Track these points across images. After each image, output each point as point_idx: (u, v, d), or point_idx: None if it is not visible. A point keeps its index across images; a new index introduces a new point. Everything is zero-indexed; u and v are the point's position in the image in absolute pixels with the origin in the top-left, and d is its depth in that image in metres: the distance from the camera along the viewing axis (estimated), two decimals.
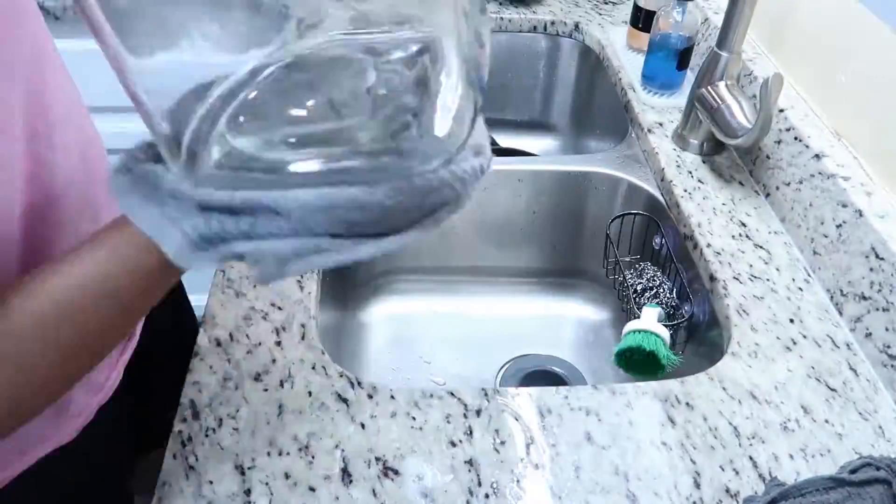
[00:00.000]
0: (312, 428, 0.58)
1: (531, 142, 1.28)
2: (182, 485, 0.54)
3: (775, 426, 0.60)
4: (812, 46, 0.84)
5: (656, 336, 0.72)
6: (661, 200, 0.87)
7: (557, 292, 1.01)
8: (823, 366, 0.65)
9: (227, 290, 0.69)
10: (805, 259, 0.76)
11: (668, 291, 0.83)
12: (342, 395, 0.61)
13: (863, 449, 0.58)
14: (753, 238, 0.78)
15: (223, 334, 0.65)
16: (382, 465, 0.56)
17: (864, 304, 0.67)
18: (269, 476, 0.55)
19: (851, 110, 0.77)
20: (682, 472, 0.56)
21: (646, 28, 1.05)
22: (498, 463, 0.56)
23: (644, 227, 0.89)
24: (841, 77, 0.78)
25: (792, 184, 0.79)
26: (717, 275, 0.73)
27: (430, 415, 0.59)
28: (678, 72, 0.97)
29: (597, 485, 0.55)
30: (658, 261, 0.87)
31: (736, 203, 0.83)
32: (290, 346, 0.64)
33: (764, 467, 0.57)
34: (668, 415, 0.60)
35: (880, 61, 0.72)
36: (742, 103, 0.82)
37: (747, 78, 0.90)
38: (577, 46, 1.20)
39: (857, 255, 0.68)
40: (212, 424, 0.58)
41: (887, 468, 0.50)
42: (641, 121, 0.95)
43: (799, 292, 0.72)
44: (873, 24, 0.72)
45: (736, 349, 0.66)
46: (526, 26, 1.19)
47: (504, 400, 0.61)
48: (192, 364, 0.62)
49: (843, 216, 0.70)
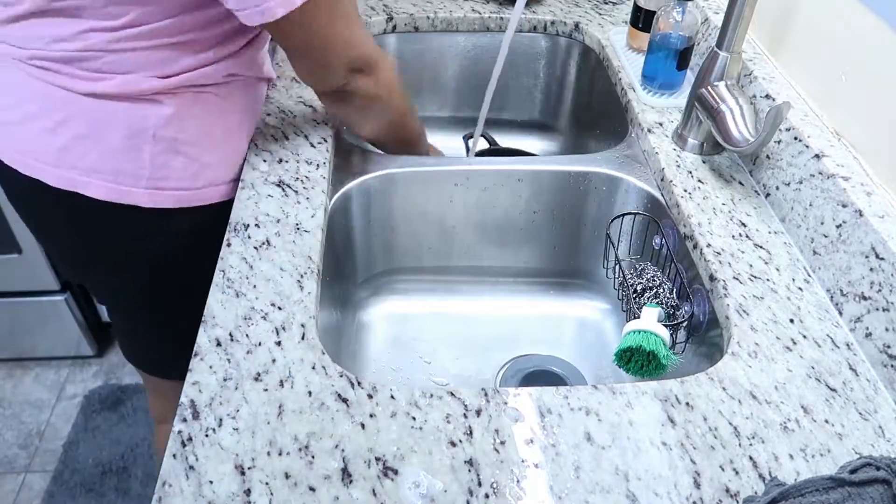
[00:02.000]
0: (312, 428, 0.58)
1: (531, 142, 1.28)
2: (182, 485, 0.54)
3: (775, 426, 0.60)
4: (812, 46, 0.84)
5: (656, 336, 0.72)
6: (661, 200, 0.87)
7: (557, 292, 1.01)
8: (823, 366, 0.65)
9: (228, 289, 0.69)
10: (805, 259, 0.76)
11: (668, 291, 0.83)
12: (342, 395, 0.61)
13: (863, 449, 0.58)
14: (753, 238, 0.78)
15: (223, 334, 0.65)
16: (382, 465, 0.56)
17: (864, 304, 0.67)
18: (269, 476, 0.55)
19: (851, 110, 0.77)
20: (682, 472, 0.56)
21: (646, 28, 1.05)
22: (498, 463, 0.56)
23: (644, 227, 0.90)
24: (841, 77, 0.78)
25: (792, 184, 0.79)
26: (717, 275, 0.73)
27: (430, 415, 0.59)
28: (678, 72, 0.97)
29: (597, 485, 0.55)
30: (658, 261, 0.87)
31: (736, 203, 0.83)
32: (290, 346, 0.64)
33: (764, 467, 0.57)
34: (668, 415, 0.60)
35: (880, 61, 0.72)
36: (742, 105, 0.82)
37: (747, 78, 0.90)
38: (577, 46, 1.20)
39: (857, 255, 0.68)
40: (212, 424, 0.58)
41: (887, 468, 0.50)
42: (641, 121, 0.95)
43: (799, 292, 0.72)
44: (873, 24, 0.72)
45: (736, 349, 0.66)
46: (526, 26, 1.19)
47: (504, 400, 0.61)
48: (193, 364, 0.62)
49: (843, 216, 0.70)
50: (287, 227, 0.76)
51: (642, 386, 0.63)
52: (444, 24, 1.18)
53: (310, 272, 0.71)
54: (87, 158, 0.75)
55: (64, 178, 0.76)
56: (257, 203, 0.79)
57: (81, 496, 1.49)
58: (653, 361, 0.72)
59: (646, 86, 1.00)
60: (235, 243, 0.74)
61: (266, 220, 0.77)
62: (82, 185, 0.76)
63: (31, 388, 1.70)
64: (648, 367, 0.73)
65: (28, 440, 1.60)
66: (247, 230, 0.76)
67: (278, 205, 0.79)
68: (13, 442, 1.59)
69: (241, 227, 0.76)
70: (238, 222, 0.76)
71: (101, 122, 0.75)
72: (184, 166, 0.79)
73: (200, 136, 0.79)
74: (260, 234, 0.75)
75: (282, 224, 0.77)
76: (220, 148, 0.82)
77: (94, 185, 0.76)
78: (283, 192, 0.80)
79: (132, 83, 0.73)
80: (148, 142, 0.76)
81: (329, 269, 0.79)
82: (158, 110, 0.75)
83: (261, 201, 0.79)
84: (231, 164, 0.84)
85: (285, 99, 0.96)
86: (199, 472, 0.55)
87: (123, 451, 1.57)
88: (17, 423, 1.63)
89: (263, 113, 0.92)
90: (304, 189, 0.81)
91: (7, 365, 1.74)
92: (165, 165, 0.78)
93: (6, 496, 1.49)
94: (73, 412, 1.65)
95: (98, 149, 0.75)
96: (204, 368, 0.62)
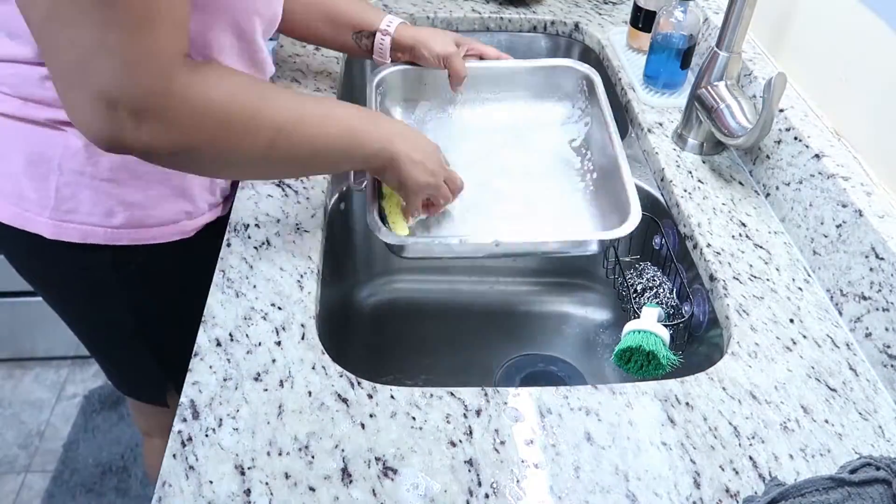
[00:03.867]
0: (312, 428, 0.58)
1: None
2: (182, 485, 0.54)
3: (775, 426, 0.60)
4: (812, 46, 0.84)
5: (656, 336, 0.72)
6: (661, 200, 0.87)
7: (557, 292, 1.01)
8: (823, 366, 0.65)
9: (227, 289, 0.69)
10: (805, 259, 0.76)
11: (668, 291, 0.83)
12: (342, 395, 0.61)
13: (863, 449, 0.58)
14: (753, 238, 0.78)
15: (223, 334, 0.65)
16: (382, 465, 0.56)
17: (864, 304, 0.67)
18: (269, 476, 0.55)
19: (851, 110, 0.77)
20: (682, 472, 0.56)
21: (646, 28, 1.05)
22: (498, 463, 0.56)
23: (644, 227, 0.89)
24: (841, 77, 0.78)
25: (792, 184, 0.79)
26: (717, 275, 0.73)
27: (429, 415, 0.59)
28: (681, 71, 0.97)
29: (597, 485, 0.55)
30: (658, 261, 0.87)
31: (736, 203, 0.83)
32: (290, 346, 0.64)
33: (764, 467, 0.57)
34: (667, 415, 0.60)
35: (880, 61, 0.72)
36: (742, 104, 0.82)
37: (747, 78, 0.90)
38: (577, 46, 1.20)
39: (857, 255, 0.68)
40: (212, 424, 0.58)
41: (887, 468, 0.50)
42: (641, 121, 0.95)
43: (799, 292, 0.72)
44: (873, 23, 0.72)
45: (736, 349, 0.66)
46: (526, 26, 1.19)
47: (504, 400, 0.61)
48: (192, 364, 0.62)
49: (843, 216, 0.70)
50: (287, 227, 0.76)
51: (642, 386, 0.63)
52: (444, 25, 1.18)
53: (310, 272, 0.71)
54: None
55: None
56: (257, 203, 0.79)
57: (81, 496, 1.49)
58: (653, 361, 0.72)
59: (648, 85, 1.00)
60: (235, 243, 0.74)
61: (266, 220, 0.77)
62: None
63: (31, 388, 1.70)
64: (648, 367, 0.73)
65: (28, 440, 1.60)
66: (247, 230, 0.75)
67: (278, 205, 0.79)
68: (13, 442, 1.59)
69: (241, 227, 0.76)
70: (238, 222, 0.76)
71: (3, 142, 0.69)
72: (95, 202, 0.71)
73: (119, 173, 0.70)
74: (260, 234, 0.75)
75: (282, 224, 0.76)
76: (152, 188, 0.73)
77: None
78: (283, 192, 0.80)
79: (33, 108, 0.67)
80: (54, 171, 0.69)
81: (329, 269, 0.79)
82: (65, 140, 0.68)
83: (261, 201, 0.79)
84: (172, 204, 0.75)
85: None
86: (199, 472, 0.55)
87: (123, 451, 1.56)
88: (17, 423, 1.63)
89: None
90: (304, 189, 0.81)
91: (7, 365, 1.74)
92: (73, 198, 0.71)
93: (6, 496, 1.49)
94: (72, 412, 1.65)
95: (1, 169, 0.71)
96: (204, 368, 0.62)
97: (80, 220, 0.72)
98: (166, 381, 0.94)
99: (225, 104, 0.56)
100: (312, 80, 1.00)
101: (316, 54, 1.06)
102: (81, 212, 0.72)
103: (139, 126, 0.52)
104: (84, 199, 0.71)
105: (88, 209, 0.72)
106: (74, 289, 0.82)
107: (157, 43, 0.50)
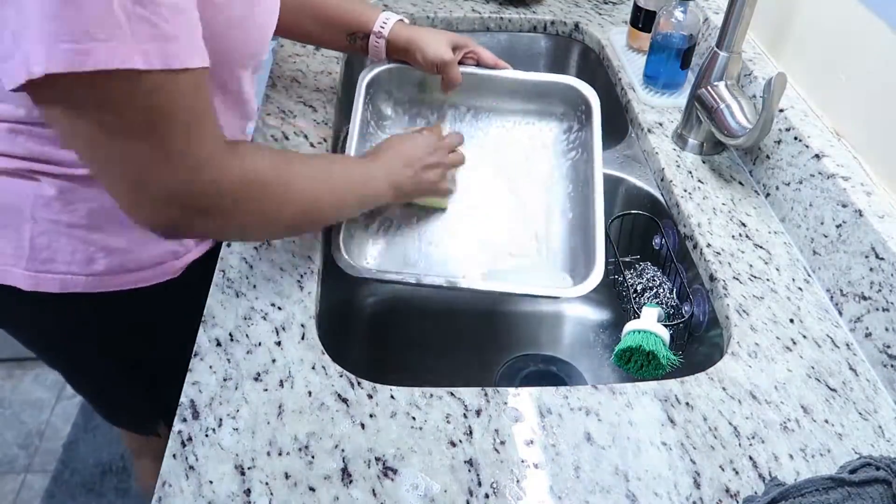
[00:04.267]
0: (312, 428, 0.58)
1: None
2: (182, 485, 0.54)
3: (775, 426, 0.60)
4: (812, 46, 0.84)
5: (656, 336, 0.72)
6: (661, 200, 0.87)
7: None
8: (823, 366, 0.65)
9: (227, 289, 0.69)
10: (805, 259, 0.76)
11: (668, 291, 0.83)
12: (342, 395, 0.61)
13: (863, 449, 0.58)
14: (753, 238, 0.78)
15: (223, 334, 0.65)
16: (382, 465, 0.56)
17: (864, 304, 0.67)
18: (269, 476, 0.55)
19: (851, 110, 0.77)
20: (681, 472, 0.56)
21: (646, 28, 1.05)
22: (498, 463, 0.56)
23: (644, 227, 0.89)
24: (841, 77, 0.78)
25: (792, 184, 0.79)
26: (717, 275, 0.73)
27: (429, 415, 0.59)
28: (681, 71, 0.97)
29: (597, 485, 0.55)
30: (658, 261, 0.87)
31: (736, 203, 0.83)
32: (290, 346, 0.64)
33: (764, 467, 0.57)
34: (667, 415, 0.60)
35: (880, 61, 0.72)
36: (742, 104, 0.82)
37: (747, 78, 0.90)
38: (577, 46, 1.20)
39: (857, 255, 0.68)
40: (212, 424, 0.58)
41: (887, 468, 0.50)
42: (641, 121, 0.95)
43: (799, 292, 0.72)
44: (873, 23, 0.72)
45: (736, 349, 0.66)
46: (526, 26, 1.19)
47: (504, 400, 0.61)
48: (192, 364, 0.62)
49: (843, 216, 0.70)
50: None
51: (642, 386, 0.63)
52: (443, 24, 1.18)
53: (310, 272, 0.71)
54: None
55: None
56: None
57: (81, 496, 1.49)
58: (653, 361, 0.72)
59: (648, 85, 1.00)
60: (235, 243, 0.74)
61: None
62: None
63: (31, 388, 1.70)
64: (648, 367, 0.73)
65: (28, 440, 1.60)
66: None
67: None
68: (13, 442, 1.59)
69: None
70: None
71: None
72: (73, 250, 0.69)
73: (97, 218, 0.69)
74: None
75: None
76: (135, 230, 0.69)
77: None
78: None
79: (2, 161, 0.66)
80: (27, 221, 0.67)
81: (329, 269, 0.79)
82: (37, 189, 0.66)
83: None
84: (157, 245, 0.74)
85: (285, 99, 0.96)
86: (199, 472, 0.55)
87: (123, 451, 1.56)
88: (17, 423, 1.63)
89: (263, 113, 0.92)
90: None
91: (7, 365, 1.74)
92: (48, 247, 0.69)
93: (6, 496, 1.49)
94: (73, 412, 1.65)
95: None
96: (204, 368, 0.62)
97: (59, 269, 0.70)
98: (157, 417, 0.92)
99: (265, 180, 0.60)
100: (312, 79, 1.00)
101: (316, 54, 1.06)
102: (59, 261, 0.69)
103: (204, 219, 0.58)
104: (61, 248, 0.69)
105: (67, 258, 0.69)
106: (55, 337, 0.80)
107: (207, 141, 0.55)
